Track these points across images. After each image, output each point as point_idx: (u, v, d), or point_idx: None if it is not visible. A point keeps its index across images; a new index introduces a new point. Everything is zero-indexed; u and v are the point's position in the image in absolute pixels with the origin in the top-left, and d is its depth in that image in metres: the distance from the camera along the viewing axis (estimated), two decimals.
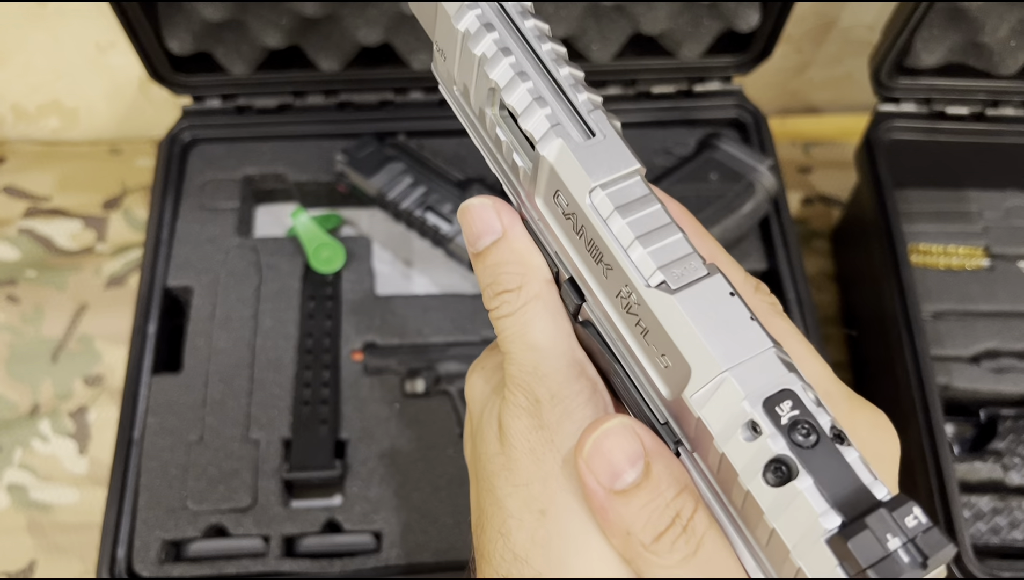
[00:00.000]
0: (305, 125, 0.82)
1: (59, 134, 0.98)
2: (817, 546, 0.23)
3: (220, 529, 0.67)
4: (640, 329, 0.27)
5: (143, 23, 0.71)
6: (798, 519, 0.23)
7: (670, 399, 0.27)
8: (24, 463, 0.77)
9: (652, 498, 0.27)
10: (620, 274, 0.27)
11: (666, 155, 0.83)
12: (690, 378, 0.25)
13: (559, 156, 0.28)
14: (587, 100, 0.29)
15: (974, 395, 0.74)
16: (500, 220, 0.32)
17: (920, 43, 0.76)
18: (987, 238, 0.83)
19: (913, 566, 0.22)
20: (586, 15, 0.77)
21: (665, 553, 0.26)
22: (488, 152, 0.33)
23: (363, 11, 0.75)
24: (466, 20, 0.29)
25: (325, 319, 0.75)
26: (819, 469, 0.23)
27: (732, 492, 0.25)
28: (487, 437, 0.32)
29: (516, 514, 0.30)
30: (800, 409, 0.24)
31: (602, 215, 0.27)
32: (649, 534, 0.26)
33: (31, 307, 0.84)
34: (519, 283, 0.31)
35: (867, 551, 0.22)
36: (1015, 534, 0.69)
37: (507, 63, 0.29)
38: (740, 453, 0.24)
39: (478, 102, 0.31)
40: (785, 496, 0.23)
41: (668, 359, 0.26)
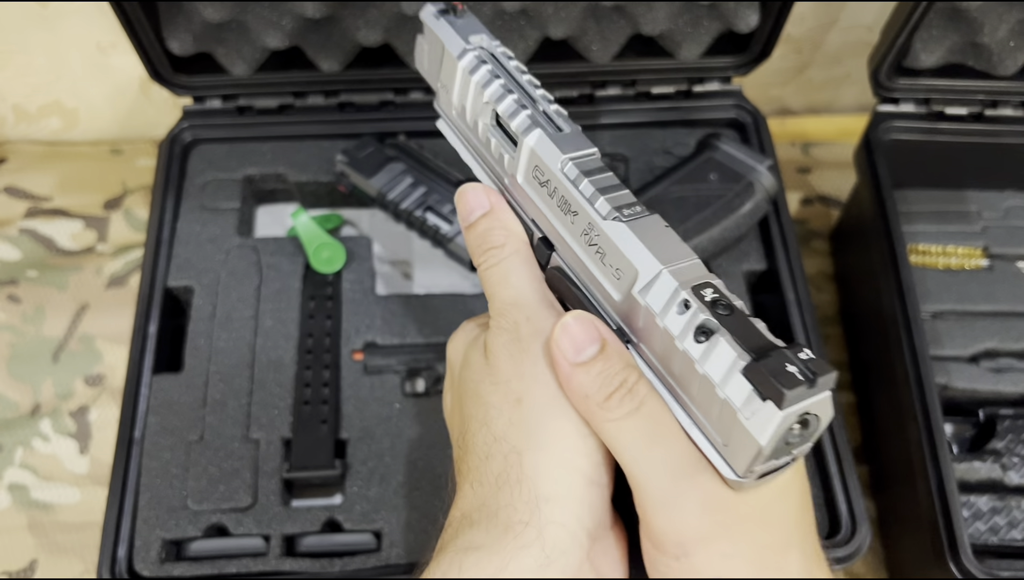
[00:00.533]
0: (306, 125, 0.83)
1: (60, 134, 0.98)
2: (735, 377, 0.31)
3: (221, 528, 0.67)
4: (599, 254, 0.37)
5: (144, 24, 0.72)
6: (720, 362, 0.31)
7: (621, 302, 0.36)
8: (25, 463, 0.77)
9: (605, 368, 0.35)
10: (584, 216, 0.37)
11: (666, 155, 0.83)
12: (637, 278, 0.35)
13: (538, 141, 0.39)
14: (556, 110, 0.40)
15: (973, 395, 0.74)
16: (488, 198, 0.42)
17: (919, 43, 0.76)
18: (986, 238, 0.83)
19: (807, 381, 0.29)
20: (586, 16, 0.77)
21: (615, 409, 0.34)
22: (478, 158, 0.44)
23: (363, 12, 0.75)
24: (467, 59, 0.42)
25: (325, 319, 0.75)
26: (735, 329, 0.31)
27: (672, 359, 0.34)
28: (472, 362, 0.40)
29: (497, 405, 0.37)
30: (719, 294, 0.33)
31: (570, 177, 0.37)
32: (602, 394, 0.34)
33: (32, 307, 0.84)
34: (503, 241, 0.41)
35: (772, 369, 0.29)
36: (1014, 533, 0.69)
37: (498, 84, 0.41)
38: (676, 324, 0.33)
39: (474, 116, 0.42)
40: (710, 347, 0.32)
41: (620, 271, 0.35)
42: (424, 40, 0.45)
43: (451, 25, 0.43)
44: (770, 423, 0.29)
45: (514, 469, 0.35)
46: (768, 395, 0.29)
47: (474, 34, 0.42)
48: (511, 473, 0.35)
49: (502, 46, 0.43)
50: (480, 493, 0.36)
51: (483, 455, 0.37)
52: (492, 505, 0.35)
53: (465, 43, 0.42)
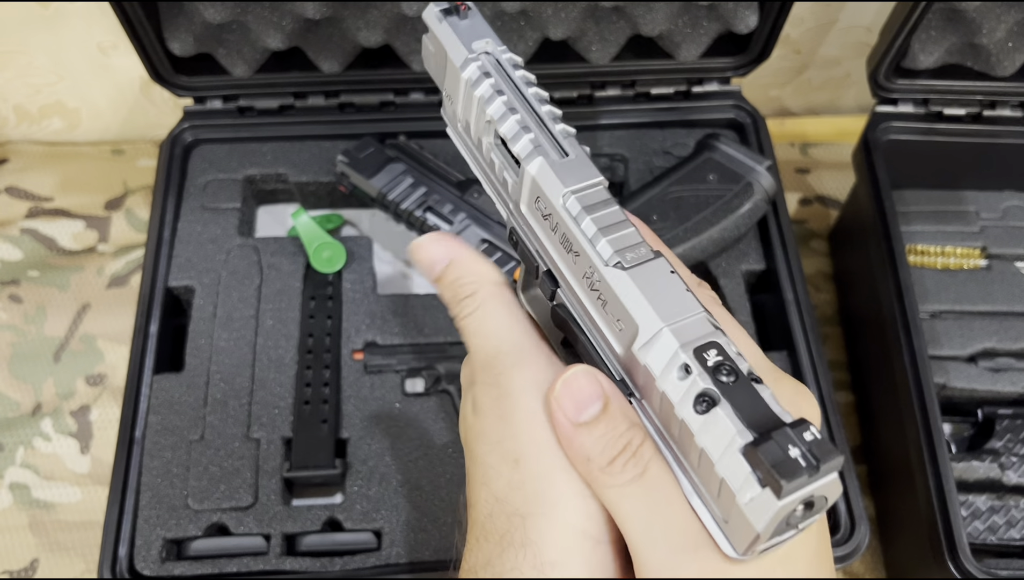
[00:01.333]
0: (306, 126, 0.83)
1: (61, 135, 0.98)
2: (734, 457, 0.28)
3: (221, 528, 0.67)
4: (601, 301, 0.34)
5: (145, 24, 0.72)
6: (719, 438, 0.29)
7: (623, 355, 0.34)
8: (26, 462, 0.77)
9: (608, 430, 0.33)
10: (585, 259, 0.34)
11: (665, 156, 0.83)
12: (638, 334, 0.32)
13: (539, 170, 0.36)
14: (562, 129, 0.37)
15: (971, 394, 0.75)
16: (445, 248, 0.40)
17: (918, 44, 0.76)
18: (984, 238, 0.83)
19: (809, 468, 0.27)
20: (585, 16, 0.77)
21: (618, 474, 0.32)
22: (484, 174, 0.41)
23: (364, 13, 0.75)
24: (469, 70, 0.38)
25: (326, 319, 0.75)
26: (737, 400, 0.29)
27: (671, 424, 0.31)
28: (466, 413, 0.38)
29: (494, 466, 0.36)
30: (723, 356, 0.30)
31: (572, 213, 0.35)
32: (605, 458, 0.32)
33: (33, 307, 0.85)
34: (474, 289, 0.39)
35: (771, 456, 0.27)
36: (1012, 533, 0.69)
37: (500, 101, 0.37)
38: (675, 389, 0.31)
39: (477, 133, 0.39)
40: (710, 420, 0.29)
41: (622, 323, 0.33)
42: (429, 41, 0.42)
43: (454, 29, 0.40)
44: (767, 511, 0.28)
45: (518, 532, 0.34)
46: (767, 483, 0.27)
47: (479, 39, 0.40)
48: (515, 535, 0.34)
49: (508, 52, 0.40)
50: (486, 550, 0.35)
51: (486, 513, 0.36)
52: (498, 566, 0.34)
53: (468, 51, 0.39)
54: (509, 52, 0.39)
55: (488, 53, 0.39)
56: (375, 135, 0.81)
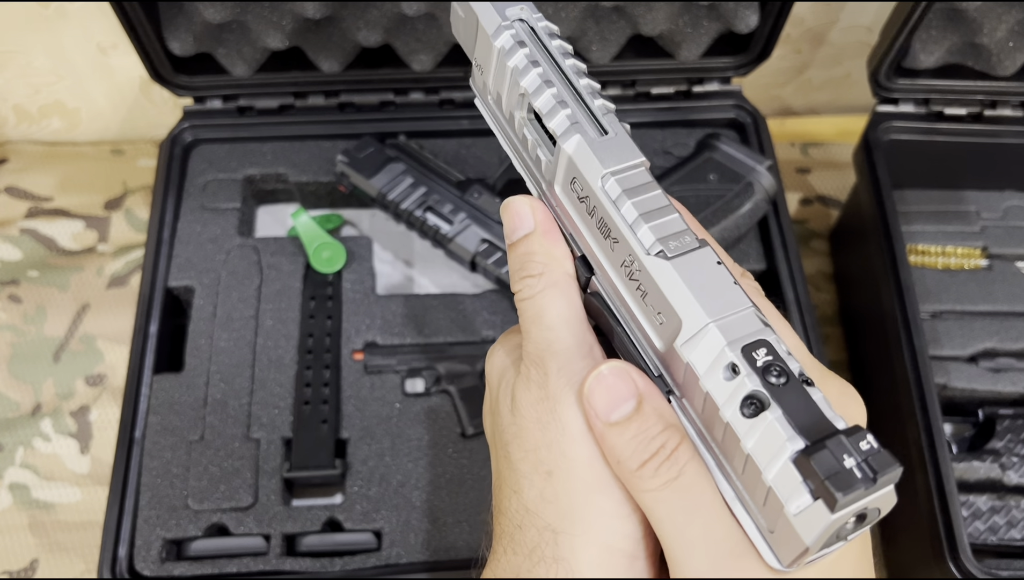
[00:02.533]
0: (306, 126, 0.83)
1: (61, 135, 0.98)
2: (784, 465, 0.26)
3: (221, 528, 0.67)
4: (640, 292, 0.32)
5: (144, 24, 0.72)
6: (768, 444, 0.27)
7: (663, 351, 0.32)
8: (26, 462, 0.77)
9: (640, 431, 0.31)
10: (625, 246, 0.32)
11: (665, 156, 0.83)
12: (681, 329, 0.30)
13: (577, 149, 0.33)
14: (602, 105, 0.34)
15: (972, 395, 0.74)
16: (534, 216, 0.37)
17: (918, 44, 0.76)
18: (985, 238, 0.83)
19: (864, 480, 0.25)
20: (586, 16, 0.77)
21: (649, 478, 0.31)
22: (514, 150, 0.38)
23: (364, 13, 0.75)
24: (502, 39, 0.35)
25: (326, 319, 0.75)
26: (787, 403, 0.27)
27: (714, 427, 0.29)
28: (502, 409, 0.36)
29: (527, 475, 0.34)
30: (773, 355, 0.28)
31: (611, 197, 0.32)
32: (636, 461, 0.31)
33: (33, 307, 0.84)
34: (541, 270, 0.36)
35: (825, 466, 0.25)
36: (1013, 533, 0.69)
37: (535, 73, 0.35)
38: (721, 390, 0.29)
39: (509, 107, 0.37)
40: (758, 425, 0.27)
41: (663, 316, 0.31)
42: (459, 7, 0.38)
43: None
44: (818, 525, 0.26)
45: (549, 547, 0.33)
46: (819, 495, 0.25)
47: (513, 4, 0.36)
48: (546, 550, 0.33)
49: (544, 19, 0.36)
50: (515, 563, 0.34)
51: (516, 523, 0.34)
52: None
53: (501, 18, 0.36)
54: (545, 20, 0.36)
55: (522, 20, 0.36)
56: (375, 135, 0.81)
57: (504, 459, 0.35)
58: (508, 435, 0.35)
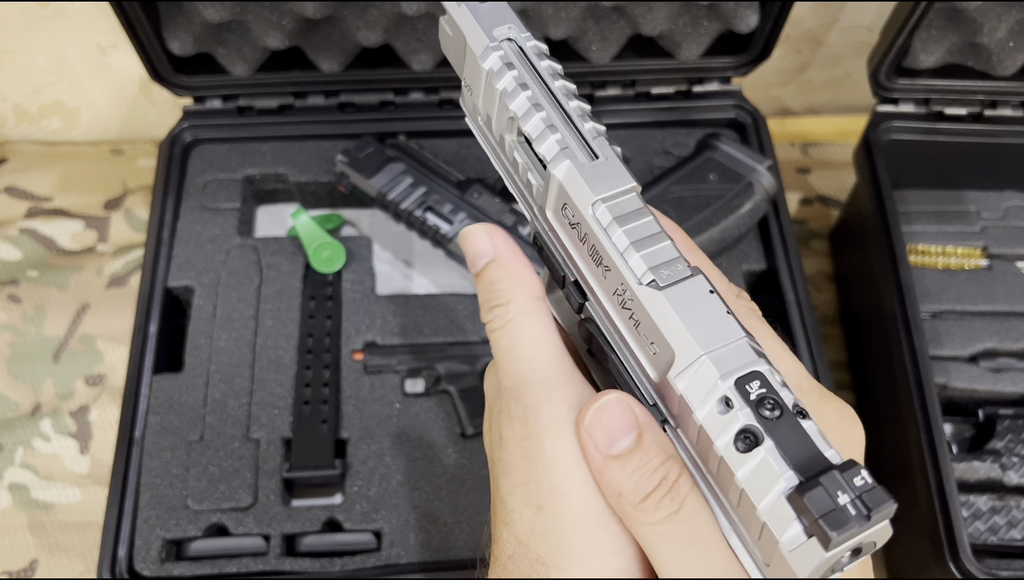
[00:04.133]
0: (306, 126, 0.83)
1: (61, 135, 0.98)
2: (778, 501, 0.26)
3: (221, 528, 0.67)
4: (633, 322, 0.32)
5: (144, 24, 0.72)
6: (763, 479, 0.27)
7: (657, 381, 0.31)
8: (25, 462, 0.77)
9: (642, 463, 0.31)
10: (617, 274, 0.31)
11: (665, 155, 0.83)
12: (674, 361, 0.30)
13: (567, 175, 0.33)
14: (592, 128, 0.34)
15: (972, 395, 0.74)
16: (492, 243, 0.36)
17: (919, 44, 0.76)
18: (985, 238, 0.83)
19: (859, 518, 0.25)
20: (586, 16, 0.77)
21: (652, 511, 0.30)
22: (506, 173, 0.38)
23: (363, 12, 0.75)
24: (490, 60, 0.35)
25: (325, 319, 0.75)
26: (781, 437, 0.27)
27: (709, 460, 0.29)
28: (493, 440, 0.36)
29: (517, 508, 0.33)
30: (767, 388, 0.28)
31: (602, 224, 0.32)
32: (638, 495, 0.30)
33: (33, 307, 0.84)
34: (508, 298, 0.35)
35: (819, 504, 0.25)
36: (1013, 533, 0.69)
37: (524, 96, 0.34)
38: (715, 424, 0.28)
39: (499, 129, 0.36)
40: (752, 460, 0.27)
41: (656, 347, 0.31)
42: (446, 24, 0.37)
43: (474, 13, 0.36)
44: (812, 561, 0.26)
45: None
46: (813, 532, 0.26)
47: (501, 24, 0.36)
48: None
49: (533, 39, 0.36)
50: None
51: (508, 554, 0.34)
52: None
53: (489, 38, 0.35)
54: (534, 39, 0.36)
55: (511, 40, 0.36)
56: (375, 135, 0.81)
57: (496, 492, 0.35)
58: (498, 470, 0.35)
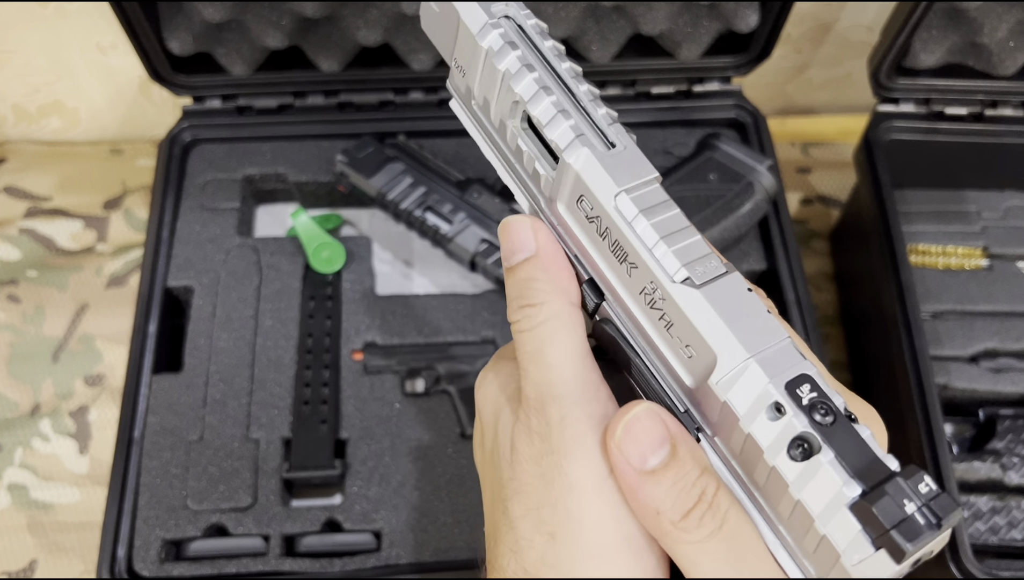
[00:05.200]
0: (305, 125, 0.83)
1: (60, 134, 0.98)
2: (840, 513, 0.25)
3: (220, 528, 0.67)
4: (664, 322, 0.29)
5: (143, 24, 0.72)
6: (822, 490, 0.25)
7: (693, 387, 0.29)
8: (25, 462, 0.77)
9: (679, 478, 0.28)
10: (646, 272, 0.29)
11: (666, 155, 0.83)
12: (716, 365, 0.27)
13: (585, 164, 0.30)
14: (605, 114, 0.31)
15: (973, 395, 0.74)
16: (535, 238, 0.33)
17: (919, 44, 0.76)
18: (986, 238, 0.83)
19: (929, 527, 0.24)
20: (586, 16, 0.77)
21: (694, 529, 0.28)
22: (504, 162, 0.34)
23: (363, 12, 0.75)
24: (490, 38, 0.31)
25: (325, 319, 0.75)
26: (838, 445, 0.25)
27: (756, 471, 0.27)
28: (501, 458, 0.33)
29: (527, 536, 0.31)
30: (817, 391, 0.26)
31: (627, 218, 0.29)
32: (678, 512, 0.28)
33: (32, 307, 0.84)
34: (543, 299, 0.32)
35: (888, 514, 0.24)
36: (1014, 534, 0.69)
37: (531, 78, 0.31)
38: (766, 432, 0.26)
39: (499, 115, 0.33)
40: (809, 469, 0.25)
41: (693, 350, 0.28)
42: (432, 3, 0.34)
43: None
44: (881, 575, 0.24)
45: None
46: (883, 545, 0.24)
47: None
48: None
49: (533, 16, 0.32)
50: None
51: None
52: None
53: (487, 15, 0.32)
54: (534, 17, 0.33)
55: (509, 17, 0.32)
56: (374, 134, 0.81)
57: (503, 515, 0.32)
58: (508, 490, 0.32)
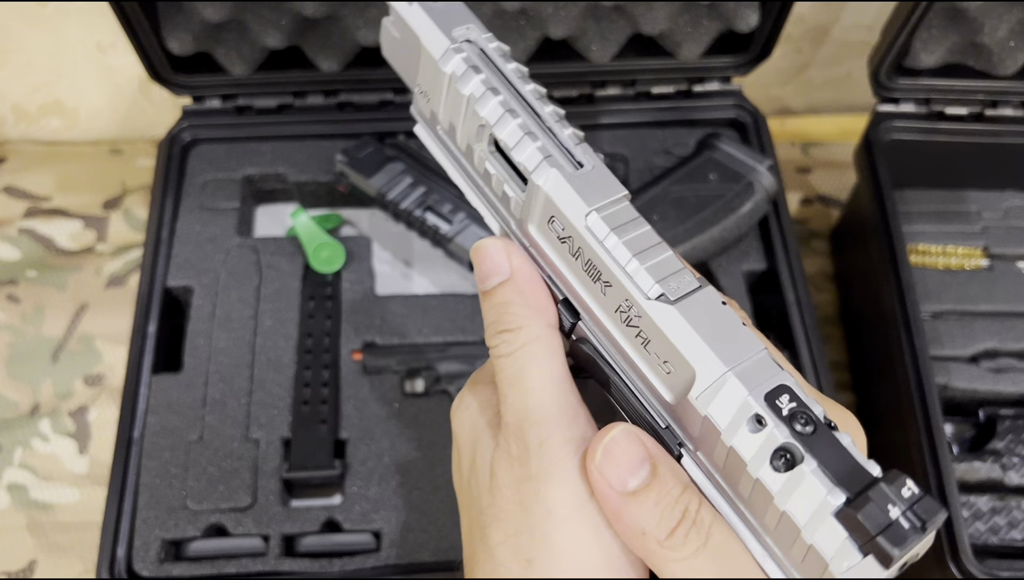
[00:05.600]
0: (305, 125, 0.83)
1: (59, 134, 0.98)
2: (827, 522, 0.25)
3: (220, 528, 0.67)
4: (641, 340, 0.29)
5: (143, 23, 0.72)
6: (807, 499, 0.25)
7: (673, 403, 0.29)
8: (24, 463, 0.77)
9: (662, 497, 0.29)
10: (620, 290, 0.29)
11: (665, 155, 0.83)
12: (695, 380, 0.28)
13: (555, 185, 0.30)
14: (572, 134, 0.31)
15: (973, 395, 0.74)
16: (509, 261, 0.33)
17: (919, 43, 0.76)
18: (986, 238, 0.83)
19: (914, 530, 0.24)
20: (586, 15, 0.77)
21: (679, 547, 0.28)
22: (472, 184, 0.34)
23: (363, 11, 0.75)
24: (453, 63, 0.32)
25: (325, 319, 0.75)
26: (820, 453, 0.26)
27: (739, 483, 0.27)
28: (480, 485, 0.33)
29: (505, 563, 0.31)
30: (797, 401, 0.27)
31: (598, 237, 0.29)
32: (663, 530, 0.28)
33: (31, 307, 0.84)
34: (520, 324, 0.32)
35: (874, 520, 0.24)
36: (1014, 534, 0.69)
37: (496, 101, 0.31)
38: (747, 445, 0.26)
39: (465, 139, 0.33)
40: (793, 480, 0.26)
41: (671, 365, 0.28)
42: (392, 26, 0.34)
43: (429, 12, 0.32)
44: None
45: None
46: (870, 551, 0.24)
47: (459, 24, 0.33)
48: None
49: (495, 40, 0.33)
50: None
51: None
52: None
53: (449, 39, 0.32)
54: (496, 40, 0.33)
55: (471, 42, 0.32)
56: (374, 134, 0.81)
57: (480, 540, 0.33)
58: (487, 516, 0.32)
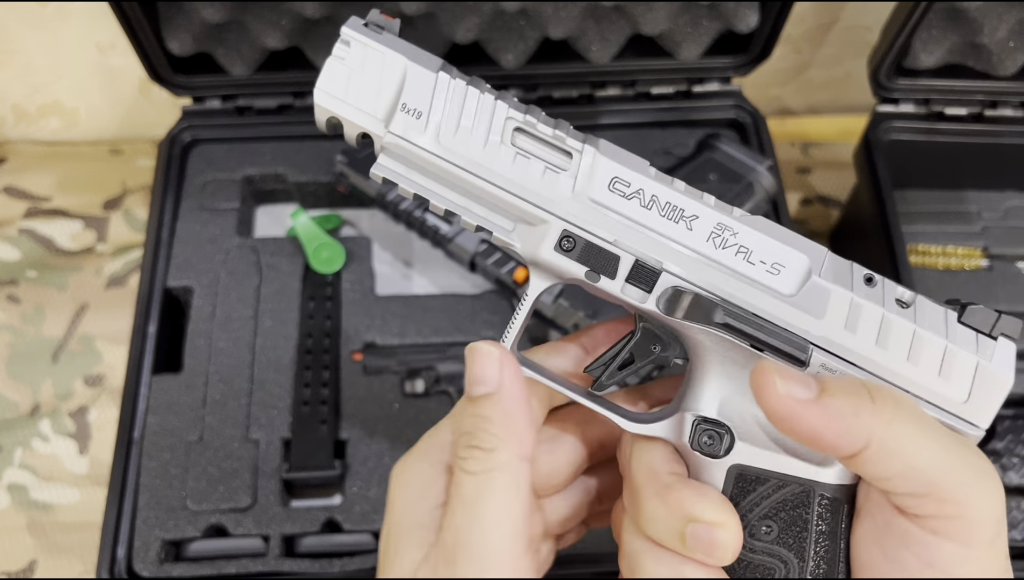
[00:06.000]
0: (305, 126, 0.83)
1: (60, 134, 0.98)
2: (957, 329, 0.35)
3: (220, 529, 0.67)
4: (742, 254, 0.35)
5: (143, 24, 0.72)
6: (936, 319, 0.35)
7: (790, 295, 0.35)
8: (24, 463, 0.77)
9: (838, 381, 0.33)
10: (709, 217, 0.36)
11: (665, 155, 0.83)
12: (810, 267, 0.35)
13: (608, 149, 0.36)
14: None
15: None
16: (501, 374, 0.32)
17: (919, 44, 0.76)
18: (986, 238, 0.83)
19: (1000, 313, 0.34)
20: (586, 16, 0.77)
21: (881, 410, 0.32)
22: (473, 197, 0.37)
23: (362, 12, 0.75)
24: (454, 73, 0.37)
25: (325, 319, 0.75)
26: None
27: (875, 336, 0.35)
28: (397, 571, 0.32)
29: None
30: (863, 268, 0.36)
31: (671, 182, 0.36)
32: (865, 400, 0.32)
33: (32, 307, 0.84)
34: (494, 446, 0.31)
35: (984, 315, 0.34)
36: (1014, 534, 0.69)
37: (515, 100, 0.37)
38: (872, 298, 0.35)
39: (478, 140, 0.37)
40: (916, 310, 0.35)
41: (779, 264, 0.35)
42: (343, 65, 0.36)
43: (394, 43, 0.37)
44: (1010, 355, 0.34)
45: None
46: (1001, 330, 0.34)
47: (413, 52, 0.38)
48: None
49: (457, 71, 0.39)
50: None
51: None
52: None
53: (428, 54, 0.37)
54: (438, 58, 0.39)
55: None
56: None
57: None
58: None
